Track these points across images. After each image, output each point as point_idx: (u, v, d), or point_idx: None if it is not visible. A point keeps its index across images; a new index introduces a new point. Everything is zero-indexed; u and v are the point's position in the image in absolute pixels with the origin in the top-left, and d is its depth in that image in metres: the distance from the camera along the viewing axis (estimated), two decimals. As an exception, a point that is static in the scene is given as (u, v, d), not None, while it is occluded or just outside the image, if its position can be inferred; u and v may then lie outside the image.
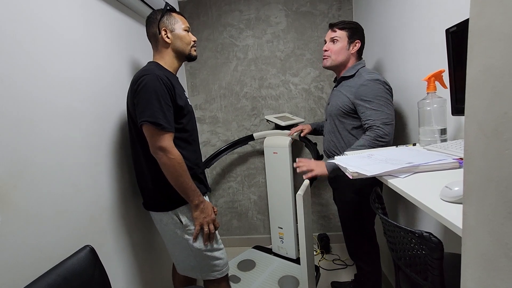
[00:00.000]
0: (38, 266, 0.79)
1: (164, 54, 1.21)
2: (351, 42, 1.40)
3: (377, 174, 0.78)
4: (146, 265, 1.40)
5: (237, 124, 2.34)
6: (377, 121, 1.24)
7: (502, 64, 0.31)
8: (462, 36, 0.85)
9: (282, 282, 1.81)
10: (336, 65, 1.44)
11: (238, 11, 2.21)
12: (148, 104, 1.04)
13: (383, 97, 1.26)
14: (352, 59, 1.43)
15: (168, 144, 1.05)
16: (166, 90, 1.08)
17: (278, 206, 2.11)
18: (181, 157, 1.08)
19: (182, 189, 1.09)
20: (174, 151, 1.06)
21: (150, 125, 1.04)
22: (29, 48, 0.83)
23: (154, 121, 1.03)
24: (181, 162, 1.08)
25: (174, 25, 1.21)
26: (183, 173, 1.08)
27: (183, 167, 1.08)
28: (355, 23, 1.44)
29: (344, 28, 1.40)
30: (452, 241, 1.04)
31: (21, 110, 0.79)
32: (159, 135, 1.04)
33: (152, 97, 1.05)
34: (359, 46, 1.41)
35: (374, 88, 1.27)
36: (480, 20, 0.34)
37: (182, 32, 1.22)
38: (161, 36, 1.19)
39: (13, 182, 0.74)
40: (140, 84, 1.06)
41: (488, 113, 0.34)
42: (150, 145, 1.07)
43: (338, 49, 1.41)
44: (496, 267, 0.34)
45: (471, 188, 0.37)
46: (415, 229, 0.68)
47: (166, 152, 1.05)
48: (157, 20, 1.19)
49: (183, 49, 1.23)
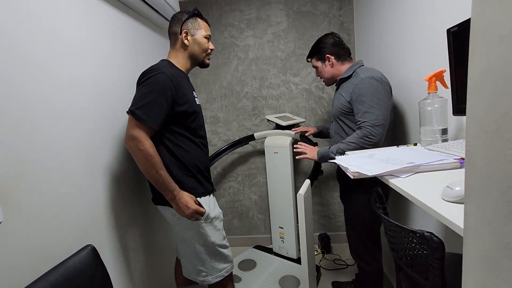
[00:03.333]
0: (40, 265, 0.79)
1: (179, 54, 1.23)
2: (323, 61, 1.51)
3: (378, 174, 0.78)
4: (147, 264, 1.40)
5: (237, 124, 2.34)
6: (366, 122, 1.28)
7: (504, 64, 0.31)
8: (464, 36, 0.85)
9: (282, 282, 1.81)
10: (331, 81, 1.55)
11: (238, 11, 2.21)
12: (140, 96, 1.06)
13: (376, 96, 1.28)
14: (338, 68, 1.48)
15: (139, 134, 1.04)
16: (169, 89, 1.08)
17: (279, 206, 2.11)
18: (153, 150, 1.05)
19: (154, 183, 1.08)
20: (145, 142, 1.04)
21: (130, 115, 1.05)
22: (30, 48, 0.83)
23: (133, 111, 1.04)
24: (152, 154, 1.05)
25: (196, 30, 1.23)
26: (154, 165, 1.05)
27: (154, 159, 1.05)
28: (318, 42, 1.52)
29: (312, 56, 1.56)
30: (453, 241, 1.04)
31: (23, 110, 0.79)
32: (133, 124, 1.05)
33: (150, 91, 1.06)
34: (332, 58, 1.47)
35: (368, 87, 1.29)
36: (481, 20, 0.34)
37: (202, 39, 1.24)
38: (181, 38, 1.21)
39: (15, 182, 0.75)
40: (144, 78, 1.08)
41: (489, 113, 0.34)
42: (125, 135, 1.07)
43: (320, 72, 1.55)
44: (497, 267, 0.34)
45: (473, 188, 0.37)
46: (417, 229, 0.68)
47: (136, 142, 1.04)
48: (181, 21, 1.21)
49: (198, 55, 1.26)
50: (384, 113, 1.28)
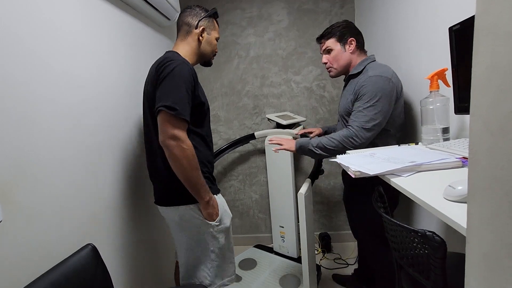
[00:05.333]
0: (40, 264, 0.79)
1: (188, 48, 1.19)
2: (343, 43, 1.35)
3: (379, 173, 0.78)
4: (148, 264, 1.40)
5: (238, 122, 2.34)
6: (355, 122, 1.22)
7: (508, 62, 0.31)
8: (466, 34, 0.85)
9: (283, 281, 1.81)
10: (341, 71, 1.40)
11: (240, 9, 2.20)
12: (172, 90, 0.98)
13: (376, 97, 1.20)
14: (355, 57, 1.36)
15: (181, 132, 0.97)
16: (191, 80, 1.04)
17: (280, 205, 2.11)
18: (193, 150, 1.00)
19: (193, 184, 1.01)
20: (188, 141, 0.98)
21: (166, 111, 0.96)
22: (32, 47, 0.83)
23: (172, 107, 0.95)
24: (195, 155, 1.00)
25: (211, 30, 1.23)
26: (196, 167, 1.00)
27: (196, 160, 1.00)
28: (341, 24, 1.37)
29: (331, 36, 1.36)
30: (454, 241, 1.04)
31: (24, 109, 0.79)
32: (174, 122, 0.96)
33: (179, 84, 0.99)
34: (354, 43, 1.34)
35: (371, 86, 1.21)
36: (486, 17, 0.33)
37: (214, 40, 1.25)
38: (197, 32, 1.18)
39: (15, 180, 0.74)
40: (168, 70, 1.00)
41: (493, 112, 0.33)
42: (161, 133, 0.97)
43: (335, 56, 1.37)
44: (500, 267, 0.34)
45: (476, 187, 0.37)
46: (418, 228, 0.68)
47: (179, 142, 0.96)
48: (200, 15, 1.19)
49: (207, 54, 1.25)
50: (377, 117, 1.20)
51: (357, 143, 1.21)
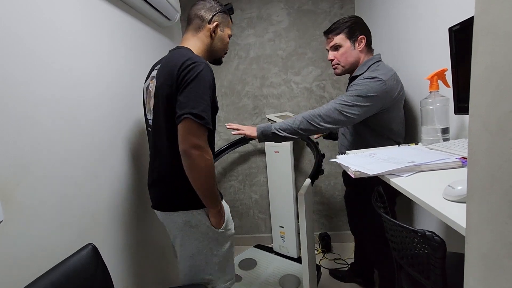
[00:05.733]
0: (41, 264, 0.79)
1: (199, 43, 1.12)
2: (354, 40, 1.29)
3: (379, 173, 0.78)
4: (148, 263, 1.41)
5: (238, 123, 2.33)
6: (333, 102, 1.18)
7: (507, 62, 0.31)
8: (466, 35, 0.85)
9: (283, 281, 1.81)
10: (348, 69, 1.34)
11: (239, 10, 2.20)
12: (200, 97, 0.93)
13: (365, 91, 1.15)
14: (363, 56, 1.31)
15: (205, 143, 0.94)
16: (212, 85, 1.00)
17: (280, 205, 2.11)
18: (213, 160, 0.99)
19: (209, 193, 0.99)
20: (210, 151, 0.96)
21: (193, 119, 0.90)
22: (32, 47, 0.83)
23: (199, 115, 0.91)
24: (213, 165, 0.99)
25: (225, 27, 1.17)
26: (213, 176, 0.98)
27: (213, 170, 0.99)
28: (350, 18, 1.30)
29: (340, 31, 1.29)
30: (454, 241, 1.04)
31: (25, 110, 0.79)
32: (199, 131, 0.92)
33: (205, 90, 0.95)
34: (365, 40, 1.28)
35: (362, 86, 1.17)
36: (485, 18, 0.33)
37: (227, 37, 1.19)
38: (210, 27, 1.11)
39: (16, 180, 0.75)
40: (193, 73, 0.93)
41: (492, 112, 0.33)
42: (184, 141, 0.92)
43: (343, 53, 1.30)
44: (499, 267, 0.34)
45: (475, 187, 0.37)
46: (418, 229, 0.68)
47: (203, 152, 0.93)
48: (214, 10, 1.12)
49: (219, 51, 1.19)
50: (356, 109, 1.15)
51: (322, 124, 1.15)
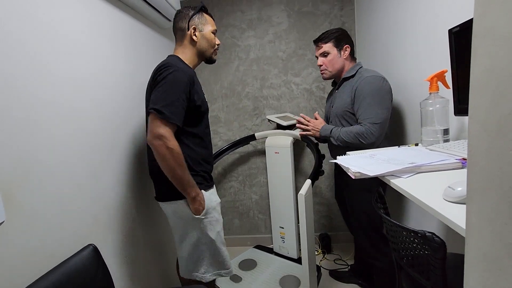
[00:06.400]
0: (42, 264, 0.79)
1: (187, 50, 1.23)
2: (340, 49, 1.46)
3: (379, 174, 0.78)
4: (149, 264, 1.41)
5: (238, 124, 2.34)
6: (366, 119, 1.29)
7: (506, 64, 0.31)
8: (465, 36, 0.85)
9: (283, 282, 1.81)
10: (334, 75, 1.50)
11: (240, 12, 2.21)
12: (163, 95, 1.04)
13: (378, 95, 1.30)
14: (347, 63, 1.47)
15: (166, 132, 1.03)
16: (186, 86, 1.08)
17: (280, 205, 2.11)
18: (179, 149, 1.05)
19: (178, 181, 1.07)
20: (173, 140, 1.04)
21: (155, 113, 1.02)
22: (33, 48, 0.84)
23: (159, 109, 1.02)
24: (180, 153, 1.05)
25: (203, 26, 1.23)
26: (180, 165, 1.05)
27: (181, 158, 1.06)
28: (337, 30, 1.47)
29: (328, 40, 1.46)
30: (454, 241, 1.04)
31: (26, 111, 0.79)
32: (159, 122, 1.03)
33: (171, 89, 1.05)
34: (349, 50, 1.46)
35: (369, 85, 1.32)
36: (484, 20, 0.34)
37: (210, 34, 1.25)
38: (189, 34, 1.20)
39: (17, 181, 0.75)
40: (161, 76, 1.06)
41: (492, 113, 0.34)
42: (149, 133, 1.05)
43: (331, 60, 1.46)
44: (499, 267, 0.34)
45: (475, 188, 0.37)
46: (418, 229, 0.68)
47: (164, 141, 1.02)
48: (188, 16, 1.20)
49: (207, 50, 1.26)
50: (384, 113, 1.29)
51: (371, 139, 1.27)
